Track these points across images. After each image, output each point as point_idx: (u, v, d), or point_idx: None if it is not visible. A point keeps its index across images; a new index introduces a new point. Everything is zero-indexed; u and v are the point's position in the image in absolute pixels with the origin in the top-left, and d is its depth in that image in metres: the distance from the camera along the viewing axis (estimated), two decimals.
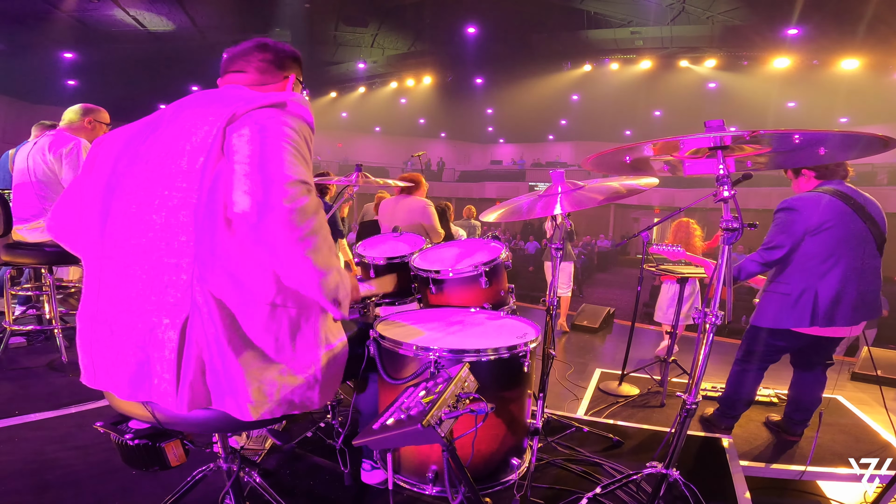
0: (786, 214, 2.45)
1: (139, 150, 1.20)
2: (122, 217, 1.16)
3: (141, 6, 12.14)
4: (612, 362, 4.31)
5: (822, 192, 2.46)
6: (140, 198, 1.15)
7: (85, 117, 2.99)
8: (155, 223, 1.12)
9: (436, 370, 1.45)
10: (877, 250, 2.47)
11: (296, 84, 1.40)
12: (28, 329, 3.33)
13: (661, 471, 1.66)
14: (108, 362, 1.17)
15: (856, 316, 2.41)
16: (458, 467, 1.18)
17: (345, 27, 14.89)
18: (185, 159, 1.12)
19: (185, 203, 1.11)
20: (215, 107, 1.15)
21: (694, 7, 12.40)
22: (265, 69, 1.32)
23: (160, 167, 1.14)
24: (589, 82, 16.95)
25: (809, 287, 2.42)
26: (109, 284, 1.17)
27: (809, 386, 2.67)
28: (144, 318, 1.11)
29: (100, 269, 1.19)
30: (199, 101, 1.21)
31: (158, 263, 1.11)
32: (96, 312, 1.18)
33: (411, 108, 21.40)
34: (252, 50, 1.32)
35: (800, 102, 17.68)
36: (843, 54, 12.23)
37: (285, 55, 1.36)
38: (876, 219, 2.46)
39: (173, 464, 1.24)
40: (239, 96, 1.17)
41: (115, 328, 1.14)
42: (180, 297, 1.09)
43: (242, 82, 1.31)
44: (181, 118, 1.18)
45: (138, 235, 1.13)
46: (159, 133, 1.19)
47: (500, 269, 2.23)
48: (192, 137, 1.13)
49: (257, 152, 1.07)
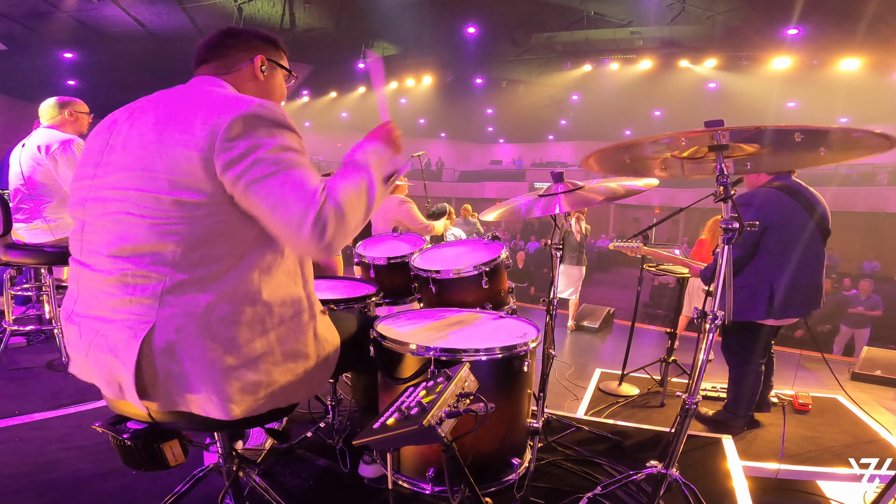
0: (744, 211, 2.49)
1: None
2: (96, 217, 1.15)
3: (141, 6, 12.13)
4: (612, 362, 4.31)
5: (775, 187, 2.55)
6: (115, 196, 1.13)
7: (64, 110, 2.96)
8: (128, 236, 1.09)
9: (436, 370, 1.45)
10: (822, 243, 2.61)
11: (270, 66, 1.35)
12: (28, 329, 3.33)
13: (661, 471, 1.66)
14: (80, 362, 1.19)
15: (806, 306, 2.55)
16: (457, 467, 1.18)
17: (345, 27, 14.88)
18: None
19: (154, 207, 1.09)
20: (191, 118, 1.09)
21: (694, 7, 12.38)
22: (228, 54, 1.31)
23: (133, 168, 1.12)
24: (589, 82, 16.92)
25: (765, 280, 2.52)
26: (84, 288, 1.17)
27: (752, 377, 2.75)
28: (111, 324, 1.10)
29: (77, 271, 1.20)
30: (170, 109, 1.14)
31: (128, 275, 1.09)
32: (72, 313, 1.20)
33: (411, 108, 21.36)
34: (217, 37, 1.32)
35: (800, 102, 17.66)
36: (843, 54, 12.21)
37: (248, 36, 1.34)
38: (822, 213, 2.58)
39: (172, 464, 1.24)
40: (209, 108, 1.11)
41: (83, 332, 1.15)
42: (149, 306, 1.08)
43: (209, 72, 1.29)
44: (154, 121, 1.12)
45: (110, 246, 1.11)
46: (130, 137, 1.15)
47: (500, 269, 2.23)
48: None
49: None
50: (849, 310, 8.18)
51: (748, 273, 2.57)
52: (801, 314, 2.58)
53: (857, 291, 8.44)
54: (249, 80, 1.32)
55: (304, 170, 1.11)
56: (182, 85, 1.26)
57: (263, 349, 1.17)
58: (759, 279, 2.54)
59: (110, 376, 1.12)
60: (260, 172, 1.07)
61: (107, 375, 1.13)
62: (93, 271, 1.14)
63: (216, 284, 1.11)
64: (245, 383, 1.14)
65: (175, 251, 1.07)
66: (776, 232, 2.51)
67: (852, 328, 8.05)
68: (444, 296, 2.17)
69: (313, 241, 1.07)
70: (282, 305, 1.21)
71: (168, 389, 1.11)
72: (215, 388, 1.11)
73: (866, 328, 7.95)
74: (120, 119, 1.19)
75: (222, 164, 1.06)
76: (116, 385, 1.12)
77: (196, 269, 1.09)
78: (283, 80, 1.42)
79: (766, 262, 2.54)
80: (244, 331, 1.14)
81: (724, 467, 2.17)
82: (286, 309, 1.22)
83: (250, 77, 1.32)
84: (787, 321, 2.62)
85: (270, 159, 1.08)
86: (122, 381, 1.11)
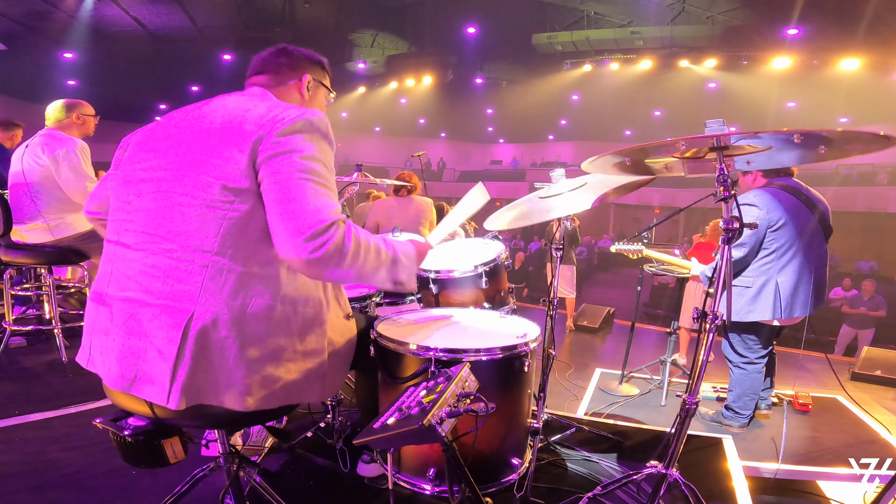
0: (748, 210, 2.49)
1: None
2: (144, 205, 1.19)
3: (141, 6, 12.13)
4: (612, 362, 4.31)
5: (776, 187, 2.55)
6: (166, 188, 1.18)
7: (72, 112, 2.97)
8: (175, 217, 1.14)
9: (436, 370, 1.45)
10: (825, 241, 2.63)
11: (315, 85, 1.45)
12: (28, 329, 3.33)
13: (661, 471, 1.65)
14: (102, 346, 1.19)
15: (811, 305, 2.56)
16: (458, 467, 1.18)
17: (345, 27, 14.88)
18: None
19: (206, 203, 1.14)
20: (240, 122, 1.17)
21: (694, 7, 12.39)
22: (279, 71, 1.41)
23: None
24: (589, 82, 16.92)
25: (769, 280, 2.53)
26: (120, 269, 1.20)
27: (754, 376, 2.75)
28: (149, 307, 1.12)
29: (113, 252, 1.23)
30: (226, 108, 1.23)
31: (172, 256, 1.12)
32: (104, 295, 1.22)
33: (411, 108, 21.36)
34: (271, 54, 1.43)
35: (800, 102, 17.65)
36: (843, 54, 12.21)
37: (300, 57, 1.44)
38: (823, 212, 2.60)
39: (172, 461, 1.24)
40: (259, 115, 1.19)
41: (115, 314, 1.17)
42: (189, 291, 1.11)
43: (260, 83, 1.39)
44: (212, 120, 1.21)
45: (156, 226, 1.15)
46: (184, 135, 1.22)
47: (500, 269, 2.23)
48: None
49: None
50: (851, 310, 8.12)
51: (753, 273, 2.57)
52: (806, 312, 2.59)
53: (857, 292, 8.42)
54: (295, 96, 1.42)
55: (329, 190, 1.17)
56: (239, 91, 1.37)
57: (286, 346, 1.21)
58: (765, 279, 2.54)
59: (134, 364, 1.12)
60: (288, 172, 1.12)
61: (130, 362, 1.13)
62: (133, 250, 1.17)
63: (253, 279, 1.15)
64: (265, 377, 1.17)
65: (217, 235, 1.11)
66: (781, 231, 2.52)
67: (856, 329, 7.92)
68: (443, 296, 2.17)
69: (307, 251, 1.08)
70: (305, 305, 1.25)
71: (194, 383, 1.11)
72: (239, 380, 1.14)
73: (870, 329, 7.83)
74: (180, 114, 1.29)
75: (263, 155, 1.12)
76: (132, 374, 1.12)
77: (236, 260, 1.13)
78: (325, 99, 1.52)
79: (771, 261, 2.54)
80: (272, 327, 1.17)
81: (724, 467, 2.17)
82: (308, 309, 1.26)
83: (296, 93, 1.42)
84: (791, 321, 2.62)
85: (302, 166, 1.13)
86: (151, 371, 1.11)
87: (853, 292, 8.77)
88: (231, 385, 1.13)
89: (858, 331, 7.89)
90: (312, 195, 1.11)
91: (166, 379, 1.09)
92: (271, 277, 1.17)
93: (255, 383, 1.15)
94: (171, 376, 1.08)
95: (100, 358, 1.20)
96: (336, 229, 1.11)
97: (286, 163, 1.12)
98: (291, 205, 1.09)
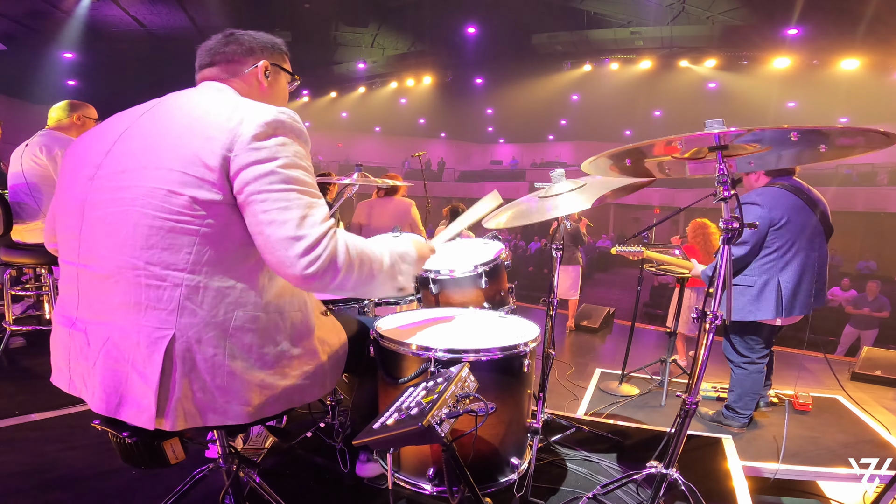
0: (750, 209, 2.50)
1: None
2: (102, 225, 1.08)
3: (141, 6, 12.13)
4: (612, 362, 4.31)
5: (779, 186, 2.55)
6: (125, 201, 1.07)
7: (73, 113, 2.97)
8: (139, 236, 1.04)
9: (436, 370, 1.45)
10: (825, 241, 2.64)
11: (274, 71, 1.33)
12: (28, 329, 3.33)
13: (661, 471, 1.65)
14: (83, 371, 1.14)
15: (810, 304, 2.57)
16: (457, 467, 1.18)
17: (345, 27, 14.88)
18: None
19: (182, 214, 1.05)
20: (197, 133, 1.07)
21: (694, 7, 12.39)
22: (232, 59, 1.28)
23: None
24: (589, 82, 16.92)
25: (771, 279, 2.53)
26: (88, 294, 1.12)
27: (754, 376, 2.75)
28: (126, 332, 1.06)
29: (76, 274, 1.14)
30: (183, 110, 1.14)
31: (141, 278, 1.04)
32: (75, 319, 1.15)
33: (411, 108, 21.36)
34: (218, 42, 1.30)
35: (800, 102, 17.66)
36: (843, 54, 12.21)
37: (251, 41, 1.30)
38: (824, 211, 2.61)
39: (172, 462, 1.23)
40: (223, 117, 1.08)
41: (91, 339, 1.11)
42: (166, 314, 1.04)
43: (213, 76, 1.28)
44: (164, 127, 1.11)
45: (120, 246, 1.05)
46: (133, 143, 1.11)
47: (500, 269, 2.22)
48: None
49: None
50: (855, 311, 8.09)
51: (755, 272, 2.57)
52: (806, 311, 2.60)
53: (856, 292, 8.40)
54: (254, 85, 1.30)
55: (315, 197, 1.10)
56: (192, 88, 1.26)
57: (279, 352, 1.18)
58: (767, 278, 2.54)
59: (116, 390, 1.08)
60: (270, 184, 1.04)
61: (112, 387, 1.08)
62: (98, 273, 1.08)
63: (232, 292, 1.09)
64: (263, 386, 1.15)
65: (190, 253, 1.04)
66: (783, 229, 2.52)
67: (859, 329, 7.87)
68: (443, 296, 2.17)
69: (302, 267, 1.03)
70: (291, 309, 1.22)
71: (189, 405, 1.08)
72: (237, 397, 1.11)
73: (873, 329, 7.78)
74: (127, 120, 1.17)
75: (238, 166, 1.04)
76: (116, 399, 1.08)
77: (212, 276, 1.06)
78: (287, 84, 1.40)
79: (773, 259, 2.55)
80: (261, 336, 1.14)
81: (724, 467, 2.17)
82: (295, 312, 1.23)
83: (255, 82, 1.30)
84: (792, 319, 2.63)
85: (284, 176, 1.05)
86: (134, 396, 1.06)
87: (851, 292, 8.76)
88: (230, 401, 1.11)
89: (862, 331, 7.85)
90: (300, 207, 1.04)
91: (151, 404, 1.04)
92: (251, 288, 1.12)
93: (254, 394, 1.13)
94: (158, 401, 1.04)
95: (82, 384, 1.15)
96: (329, 240, 1.06)
97: (267, 174, 1.03)
98: (279, 220, 1.02)
